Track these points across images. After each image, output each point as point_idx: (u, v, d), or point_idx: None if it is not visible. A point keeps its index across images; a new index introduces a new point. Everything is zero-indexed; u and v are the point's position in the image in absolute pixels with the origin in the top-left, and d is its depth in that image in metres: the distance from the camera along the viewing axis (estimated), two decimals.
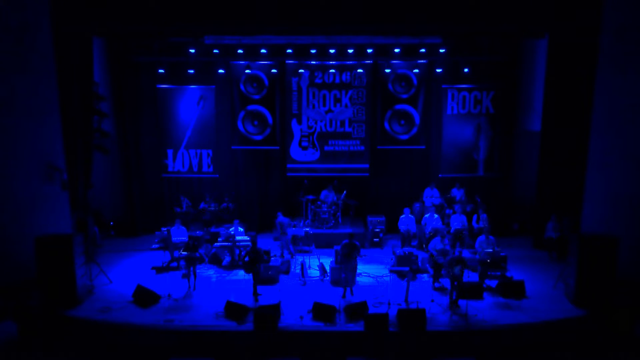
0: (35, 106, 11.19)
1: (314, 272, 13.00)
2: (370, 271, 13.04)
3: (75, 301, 11.03)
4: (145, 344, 9.99)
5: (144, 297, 11.24)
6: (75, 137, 11.35)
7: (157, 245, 14.27)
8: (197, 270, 12.13)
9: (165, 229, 13.72)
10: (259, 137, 16.35)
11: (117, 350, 10.02)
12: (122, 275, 12.89)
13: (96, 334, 10.22)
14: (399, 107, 16.16)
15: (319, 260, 13.22)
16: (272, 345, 9.86)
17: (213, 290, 12.01)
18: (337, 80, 16.01)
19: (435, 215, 14.56)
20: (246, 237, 13.60)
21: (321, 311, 10.44)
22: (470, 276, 12.01)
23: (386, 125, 16.23)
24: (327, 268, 12.57)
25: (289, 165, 16.47)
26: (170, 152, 16.44)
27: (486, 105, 15.97)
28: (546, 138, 13.58)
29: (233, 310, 10.56)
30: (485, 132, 16.05)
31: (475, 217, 14.54)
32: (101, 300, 11.37)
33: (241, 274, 12.30)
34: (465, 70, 15.59)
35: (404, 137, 16.28)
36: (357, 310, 10.45)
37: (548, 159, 13.50)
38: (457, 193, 15.83)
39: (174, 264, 13.10)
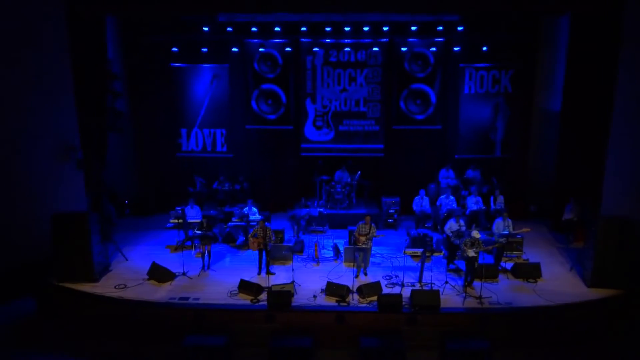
0: (50, 85, 11.23)
1: (328, 253, 13.08)
2: (384, 252, 13.08)
3: (92, 278, 11.26)
4: (161, 322, 10.18)
5: (159, 275, 11.44)
6: (89, 116, 11.42)
7: (171, 225, 14.42)
8: (211, 249, 12.28)
9: (179, 209, 13.84)
10: (273, 117, 16.33)
11: (133, 327, 10.23)
12: (137, 254, 13.09)
13: (112, 311, 10.43)
14: (415, 86, 15.97)
15: (333, 240, 13.28)
16: (285, 324, 9.99)
17: (227, 269, 12.16)
18: (352, 59, 15.84)
19: (451, 197, 14.47)
20: (260, 217, 13.68)
21: (334, 291, 10.54)
22: (486, 258, 12.00)
23: (402, 104, 16.08)
24: (341, 248, 12.64)
25: (303, 145, 16.45)
26: (184, 131, 16.50)
27: (505, 85, 15.72)
28: (566, 118, 13.36)
29: (247, 289, 10.71)
30: (503, 112, 15.83)
31: (492, 198, 14.45)
32: (117, 278, 11.59)
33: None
34: (484, 48, 15.31)
35: (420, 117, 16.14)
36: (370, 291, 10.53)
37: (568, 140, 13.30)
38: (472, 174, 15.71)
39: (188, 243, 13.25)
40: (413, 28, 14.85)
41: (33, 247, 11.78)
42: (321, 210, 14.47)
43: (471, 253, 10.59)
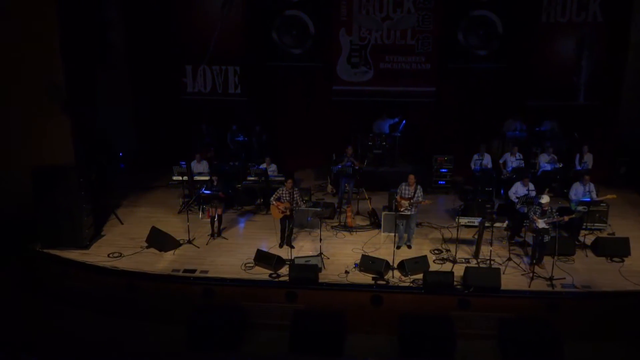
0: (28, 13, 11.32)
1: (364, 220, 13.16)
2: (433, 220, 13.10)
3: (81, 244, 11.61)
4: (162, 297, 10.50)
5: (160, 242, 11.70)
6: (75, 48, 11.54)
7: (174, 182, 14.63)
8: (222, 213, 12.46)
9: (184, 163, 14.02)
10: (297, 51, 16.20)
11: (130, 303, 10.57)
12: (134, 216, 13.44)
13: (105, 283, 10.78)
14: (477, 12, 15.60)
15: (370, 205, 13.32)
16: (310, 304, 10.19)
17: (241, 237, 12.39)
18: None
19: (518, 154, 14.28)
20: (281, 175, 13.78)
21: (371, 266, 10.64)
22: (560, 230, 11.88)
23: (460, 37, 15.74)
24: (380, 215, 12.68)
25: (335, 87, 16.34)
26: (189, 68, 16.54)
27: (593, 12, 15.18)
28: None
29: (264, 261, 10.90)
30: (590, 47, 15.35)
31: (577, 157, 14.15)
32: (110, 244, 11.93)
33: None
34: None
35: (482, 52, 15.79)
36: (414, 267, 10.59)
37: None
38: (547, 126, 15.41)
39: (195, 204, 13.48)
40: None
41: (12, 207, 12.13)
42: (356, 168, 14.44)
43: (541, 224, 10.49)
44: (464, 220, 12.01)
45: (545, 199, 10.55)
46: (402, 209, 11.45)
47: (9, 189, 12.09)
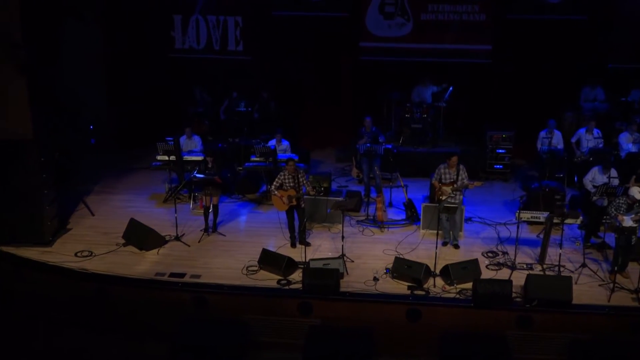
0: None
1: (398, 212, 13.16)
2: (486, 214, 13.06)
3: (42, 239, 11.70)
4: (143, 307, 10.55)
5: (141, 238, 11.75)
6: None
7: (158, 163, 14.71)
8: (219, 203, 12.48)
9: (171, 139, 14.08)
10: None
11: (103, 314, 10.64)
12: (108, 206, 13.55)
13: (73, 289, 10.83)
14: None
15: (406, 194, 13.27)
16: (329, 319, 10.19)
17: (242, 233, 12.45)
18: None
19: (596, 130, 14.13)
20: (293, 156, 13.75)
21: (406, 271, 10.60)
22: None
23: None
24: (419, 207, 12.65)
25: (362, 44, 16.33)
26: (178, 19, 16.57)
27: None
28: None
29: (272, 264, 10.90)
30: None
31: None
32: (79, 241, 12.02)
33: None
34: None
35: (554, 0, 15.63)
36: (462, 274, 10.54)
37: None
38: (635, 96, 15.23)
39: (185, 192, 13.53)
40: None
41: None
42: (389, 146, 14.41)
43: (627, 221, 10.38)
44: (526, 215, 11.91)
45: (636, 191, 10.35)
46: (443, 198, 11.38)
47: None
